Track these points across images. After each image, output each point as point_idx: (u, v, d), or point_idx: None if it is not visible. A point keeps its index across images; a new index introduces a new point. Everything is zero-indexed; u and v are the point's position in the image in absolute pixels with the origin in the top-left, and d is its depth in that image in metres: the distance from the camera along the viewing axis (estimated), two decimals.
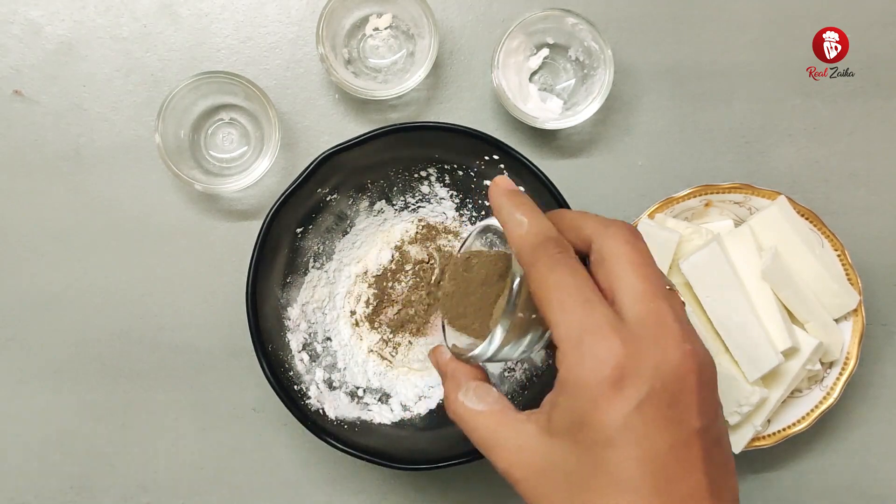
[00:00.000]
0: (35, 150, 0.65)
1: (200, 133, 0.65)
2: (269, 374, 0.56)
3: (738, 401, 0.58)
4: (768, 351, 0.57)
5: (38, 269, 0.65)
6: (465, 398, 0.42)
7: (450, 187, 0.62)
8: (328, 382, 0.60)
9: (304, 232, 0.60)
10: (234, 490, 0.64)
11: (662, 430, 0.34)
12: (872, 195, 0.66)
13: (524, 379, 0.60)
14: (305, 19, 0.66)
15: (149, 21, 0.66)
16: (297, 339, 0.60)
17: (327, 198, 0.60)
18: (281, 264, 0.59)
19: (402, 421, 0.61)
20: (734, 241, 0.59)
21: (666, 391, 0.34)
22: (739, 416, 0.58)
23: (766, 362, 0.57)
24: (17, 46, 0.65)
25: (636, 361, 0.34)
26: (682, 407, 0.35)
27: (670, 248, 0.58)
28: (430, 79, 0.65)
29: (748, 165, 0.66)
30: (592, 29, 0.61)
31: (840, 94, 0.66)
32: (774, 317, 0.57)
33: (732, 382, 0.57)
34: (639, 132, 0.66)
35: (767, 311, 0.58)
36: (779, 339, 0.57)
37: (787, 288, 0.58)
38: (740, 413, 0.58)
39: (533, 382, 0.60)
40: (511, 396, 0.60)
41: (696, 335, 0.37)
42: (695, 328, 0.37)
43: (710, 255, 0.57)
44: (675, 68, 0.66)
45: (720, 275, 0.57)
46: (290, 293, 0.61)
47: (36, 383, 0.65)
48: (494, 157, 0.58)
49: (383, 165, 0.61)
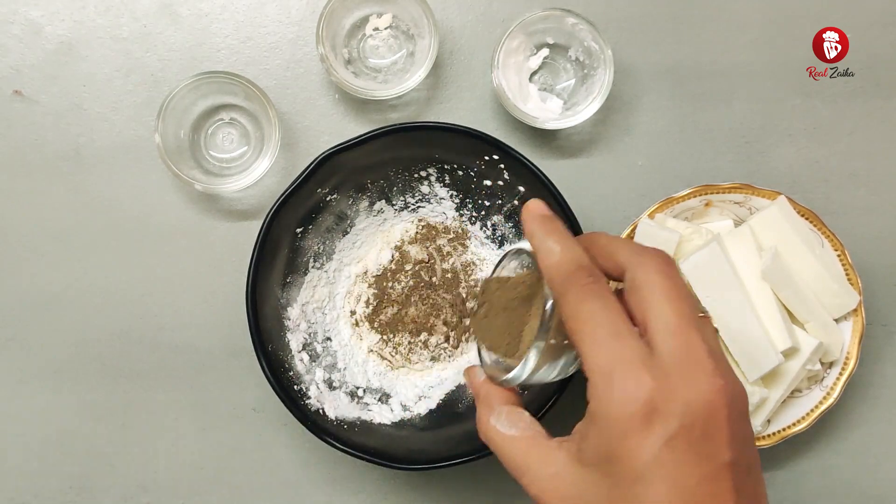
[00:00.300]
0: (35, 150, 0.65)
1: (200, 133, 0.65)
2: (269, 375, 0.56)
3: None
4: (768, 351, 0.57)
5: (38, 269, 0.65)
6: (497, 422, 0.42)
7: (450, 187, 0.62)
8: (328, 382, 0.60)
9: (304, 232, 0.60)
10: (234, 490, 0.64)
11: (692, 465, 0.34)
12: (872, 195, 0.66)
13: None
14: (305, 19, 0.66)
15: (149, 21, 0.66)
16: (297, 339, 0.60)
17: (327, 198, 0.60)
18: (281, 264, 0.59)
19: (402, 421, 0.61)
20: (734, 241, 0.59)
21: (696, 427, 0.34)
22: None
23: (766, 362, 0.57)
24: (18, 46, 0.65)
25: (666, 397, 0.34)
26: (712, 441, 0.35)
27: (670, 248, 0.58)
28: (430, 79, 0.65)
29: (748, 165, 0.66)
30: (592, 29, 0.61)
31: (840, 94, 0.66)
32: (774, 317, 0.57)
33: None
34: (639, 132, 0.66)
35: (767, 311, 0.58)
36: (779, 339, 0.57)
37: (787, 288, 0.58)
38: None
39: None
40: None
41: (727, 366, 0.37)
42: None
43: (710, 255, 0.57)
44: (675, 68, 0.66)
45: (720, 275, 0.57)
46: (290, 293, 0.61)
47: (36, 383, 0.65)
48: (494, 157, 0.58)
49: (383, 165, 0.61)
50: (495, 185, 0.61)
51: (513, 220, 0.62)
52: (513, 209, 0.61)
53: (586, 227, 0.58)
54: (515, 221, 0.62)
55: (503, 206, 0.62)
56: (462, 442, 0.57)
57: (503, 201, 0.61)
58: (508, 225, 0.63)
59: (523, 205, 0.42)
